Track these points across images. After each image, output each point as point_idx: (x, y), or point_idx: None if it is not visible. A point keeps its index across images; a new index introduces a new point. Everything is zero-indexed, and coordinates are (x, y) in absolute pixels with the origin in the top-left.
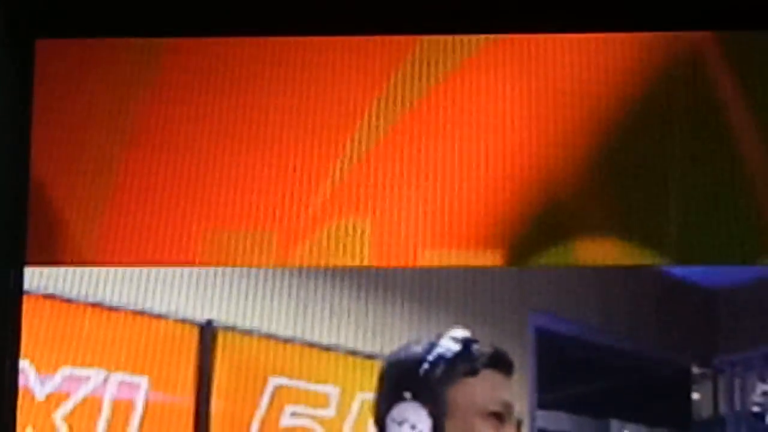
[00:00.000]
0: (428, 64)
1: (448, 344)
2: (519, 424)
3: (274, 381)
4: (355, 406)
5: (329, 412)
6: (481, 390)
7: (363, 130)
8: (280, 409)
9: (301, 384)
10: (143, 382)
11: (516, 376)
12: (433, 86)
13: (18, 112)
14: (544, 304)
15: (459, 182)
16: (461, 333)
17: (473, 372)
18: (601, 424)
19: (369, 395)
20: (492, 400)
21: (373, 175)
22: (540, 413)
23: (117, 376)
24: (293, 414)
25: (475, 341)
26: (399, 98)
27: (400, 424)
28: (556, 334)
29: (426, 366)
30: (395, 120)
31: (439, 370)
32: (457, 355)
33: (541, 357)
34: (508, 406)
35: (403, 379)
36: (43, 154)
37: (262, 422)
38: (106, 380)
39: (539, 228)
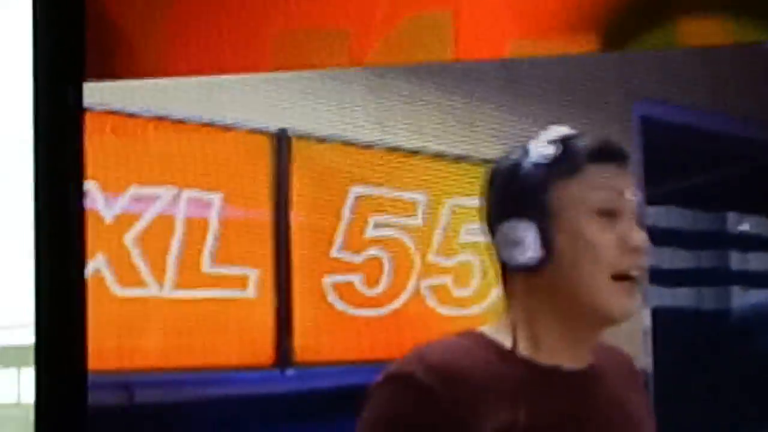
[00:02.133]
0: None
1: (540, 149)
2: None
3: (355, 190)
4: (444, 213)
5: (417, 221)
6: (583, 188)
7: None
8: (364, 220)
9: (385, 192)
10: (216, 198)
11: None
12: None
13: None
14: (647, 91)
15: None
16: (556, 132)
17: (573, 170)
18: (716, 218)
19: (460, 200)
20: (598, 197)
21: None
22: (649, 209)
23: (188, 193)
24: (378, 224)
25: (575, 136)
26: None
27: (509, 244)
28: (662, 122)
29: (521, 176)
30: None
31: (534, 178)
32: (553, 159)
33: (648, 148)
34: (620, 201)
35: (505, 193)
36: None
37: (346, 234)
38: (176, 198)
39: (639, 7)
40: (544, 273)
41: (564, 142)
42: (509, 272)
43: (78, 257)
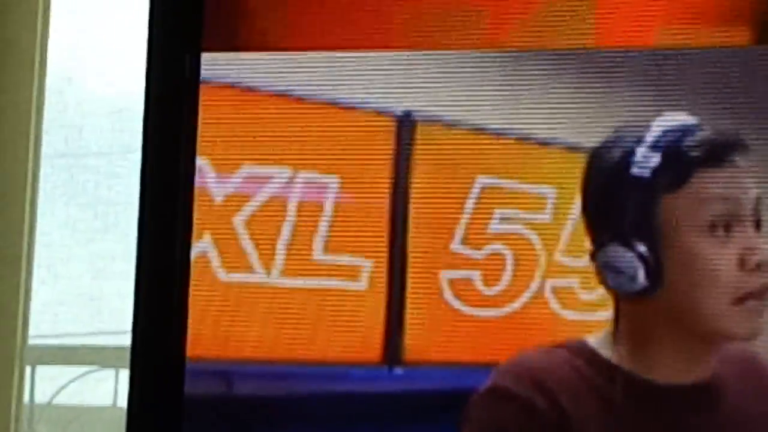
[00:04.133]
0: None
1: (642, 158)
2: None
3: (481, 181)
4: (575, 210)
5: (544, 216)
6: (692, 200)
7: None
8: (489, 213)
9: (513, 184)
10: (333, 181)
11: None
12: None
13: None
14: None
15: None
16: (664, 126)
17: (680, 181)
18: None
19: None
20: (709, 209)
21: None
22: None
23: (304, 175)
24: (503, 218)
25: (683, 134)
26: None
27: (612, 270)
28: None
29: (621, 191)
30: None
31: (637, 194)
32: (657, 169)
33: None
34: (736, 206)
35: (603, 208)
36: None
37: (468, 227)
38: (291, 180)
39: None
40: (654, 299)
41: (669, 146)
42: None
43: (184, 237)
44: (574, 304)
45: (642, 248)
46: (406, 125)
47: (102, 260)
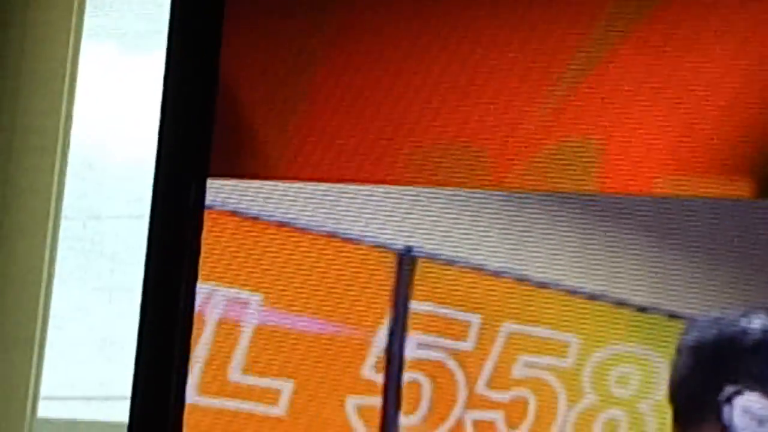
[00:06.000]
0: None
1: None
2: None
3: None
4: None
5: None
6: None
7: (593, 38)
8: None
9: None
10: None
11: None
12: None
13: (209, 4)
14: None
15: (705, 98)
16: None
17: None
18: None
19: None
20: None
21: (604, 89)
22: None
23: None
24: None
25: None
26: (635, 3)
27: (749, 416)
28: None
29: None
30: (631, 29)
31: None
32: None
33: None
34: None
35: (745, 365)
36: (234, 53)
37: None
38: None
39: None
40: None
41: None
42: None
43: (182, 361)
44: None
45: None
46: (406, 260)
47: (112, 345)
